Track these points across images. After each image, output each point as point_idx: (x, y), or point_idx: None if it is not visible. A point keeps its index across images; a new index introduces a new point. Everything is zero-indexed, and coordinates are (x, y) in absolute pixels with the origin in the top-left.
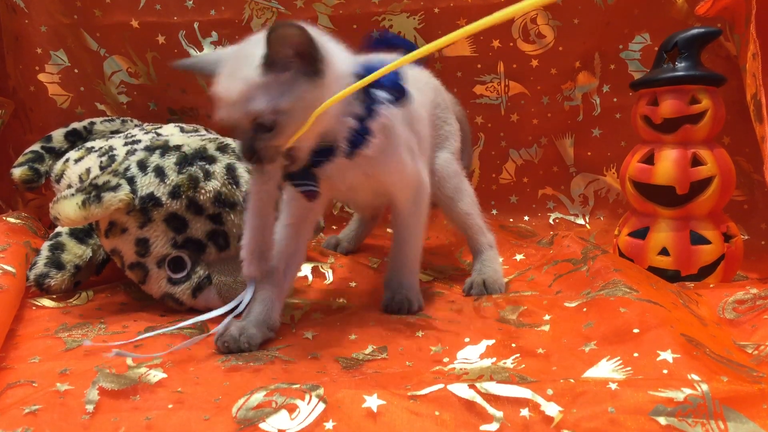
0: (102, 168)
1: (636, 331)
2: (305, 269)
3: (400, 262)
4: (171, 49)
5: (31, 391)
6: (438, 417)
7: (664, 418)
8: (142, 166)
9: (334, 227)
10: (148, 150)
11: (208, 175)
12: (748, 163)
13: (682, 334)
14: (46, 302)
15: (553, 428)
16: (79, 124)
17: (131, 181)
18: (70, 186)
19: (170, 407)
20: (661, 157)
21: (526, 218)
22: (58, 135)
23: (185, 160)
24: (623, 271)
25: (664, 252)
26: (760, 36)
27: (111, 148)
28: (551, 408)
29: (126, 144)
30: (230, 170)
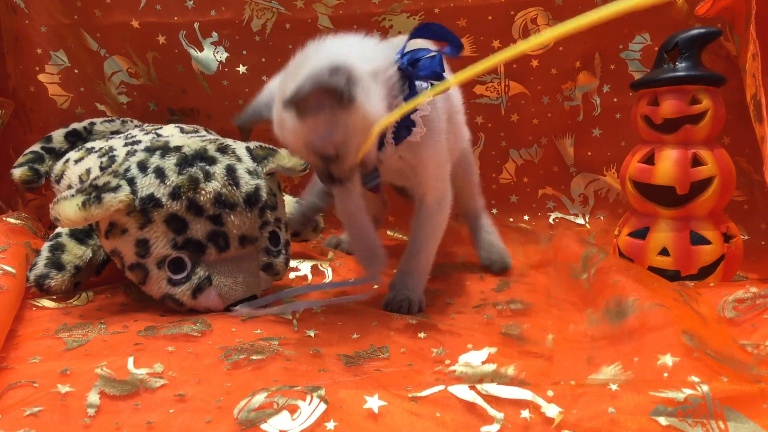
0: (102, 169)
1: (636, 333)
2: (304, 268)
3: (411, 264)
4: (171, 50)
5: (32, 392)
6: (439, 418)
7: (664, 418)
8: (143, 167)
9: (333, 231)
10: (149, 151)
11: (208, 176)
12: (748, 164)
13: (684, 332)
14: (47, 303)
15: (553, 429)
16: (79, 125)
17: (131, 182)
18: (70, 186)
19: (171, 412)
20: (662, 158)
21: (526, 218)
22: (58, 135)
23: (185, 161)
24: (621, 282)
25: (664, 252)
26: (760, 36)
27: (111, 149)
28: (552, 409)
29: (126, 145)
30: (230, 171)
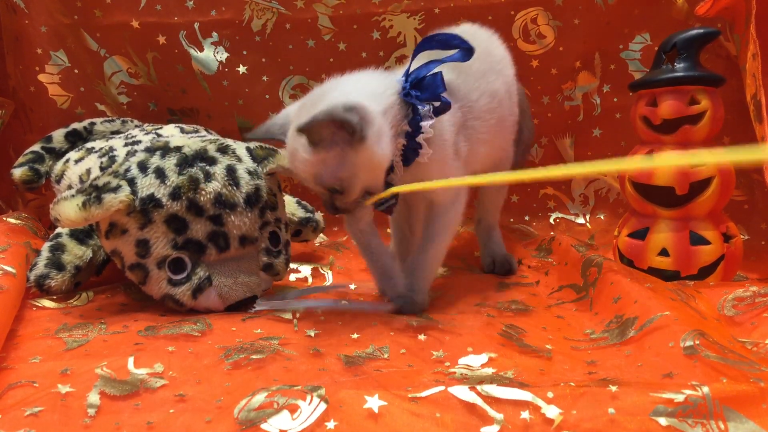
0: (102, 169)
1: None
2: (305, 270)
3: (417, 263)
4: (171, 50)
5: (32, 392)
6: (439, 419)
7: (664, 418)
8: (143, 167)
9: (335, 228)
10: (149, 151)
11: (208, 177)
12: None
13: (684, 333)
14: (47, 303)
15: (553, 430)
16: (80, 125)
17: (132, 183)
18: (70, 186)
19: (172, 411)
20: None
21: (527, 218)
22: (59, 135)
23: (186, 162)
24: (622, 299)
25: (664, 252)
26: (760, 36)
27: (111, 149)
28: (551, 410)
29: (126, 145)
30: (230, 171)
